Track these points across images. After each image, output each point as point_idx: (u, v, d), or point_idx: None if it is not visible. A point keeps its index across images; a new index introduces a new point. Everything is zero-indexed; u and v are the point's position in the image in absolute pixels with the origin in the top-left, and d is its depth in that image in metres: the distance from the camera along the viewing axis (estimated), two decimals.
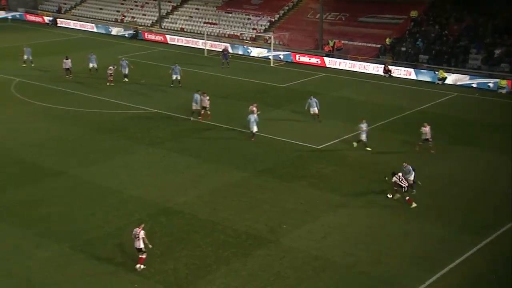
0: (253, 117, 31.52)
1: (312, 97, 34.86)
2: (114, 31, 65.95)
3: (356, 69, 49.08)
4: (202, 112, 34.88)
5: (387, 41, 51.11)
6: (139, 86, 42.88)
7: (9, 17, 72.96)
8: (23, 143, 30.89)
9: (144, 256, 19.63)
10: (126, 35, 64.26)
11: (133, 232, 19.63)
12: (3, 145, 30.53)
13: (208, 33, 58.44)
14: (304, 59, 51.95)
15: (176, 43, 60.37)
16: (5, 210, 23.52)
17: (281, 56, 52.78)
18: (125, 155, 29.76)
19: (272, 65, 51.30)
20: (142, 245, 19.52)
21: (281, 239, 21.64)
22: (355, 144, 30.57)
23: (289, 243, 21.32)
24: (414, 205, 23.97)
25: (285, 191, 25.74)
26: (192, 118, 34.94)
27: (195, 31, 62.69)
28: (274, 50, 52.52)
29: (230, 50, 53.52)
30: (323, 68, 50.30)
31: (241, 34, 59.68)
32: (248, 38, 59.04)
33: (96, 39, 62.71)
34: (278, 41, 55.15)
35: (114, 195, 25.02)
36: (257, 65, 51.37)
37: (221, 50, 51.81)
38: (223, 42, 57.51)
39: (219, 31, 60.49)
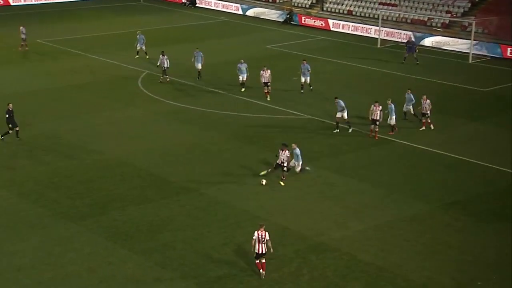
0: (392, 106, 34.71)
1: (408, 90, 36.15)
2: (263, 13, 68.43)
3: None
4: (372, 128, 34.52)
5: None
6: (288, 84, 44.02)
7: None
8: (149, 151, 33.19)
9: (264, 261, 21.82)
10: (278, 19, 66.39)
11: (256, 236, 21.78)
12: (126, 154, 32.91)
13: (384, 18, 58.46)
14: None
15: (340, 30, 61.29)
16: (124, 233, 25.38)
17: (485, 50, 51.59)
18: None
19: (471, 61, 50.27)
20: (266, 249, 21.77)
21: None
22: None
23: None
24: (282, 183, 28.74)
25: (481, 234, 25.01)
26: (350, 130, 35.37)
27: (367, 15, 63.00)
28: (476, 41, 51.32)
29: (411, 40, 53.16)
30: None
31: (429, 19, 58.87)
32: (438, 25, 58.09)
33: (240, 23, 65.62)
34: (481, 29, 53.79)
35: (254, 222, 25.86)
36: (449, 61, 50.43)
37: (405, 41, 51.87)
38: (403, 30, 57.16)
39: (399, 15, 60.17)
